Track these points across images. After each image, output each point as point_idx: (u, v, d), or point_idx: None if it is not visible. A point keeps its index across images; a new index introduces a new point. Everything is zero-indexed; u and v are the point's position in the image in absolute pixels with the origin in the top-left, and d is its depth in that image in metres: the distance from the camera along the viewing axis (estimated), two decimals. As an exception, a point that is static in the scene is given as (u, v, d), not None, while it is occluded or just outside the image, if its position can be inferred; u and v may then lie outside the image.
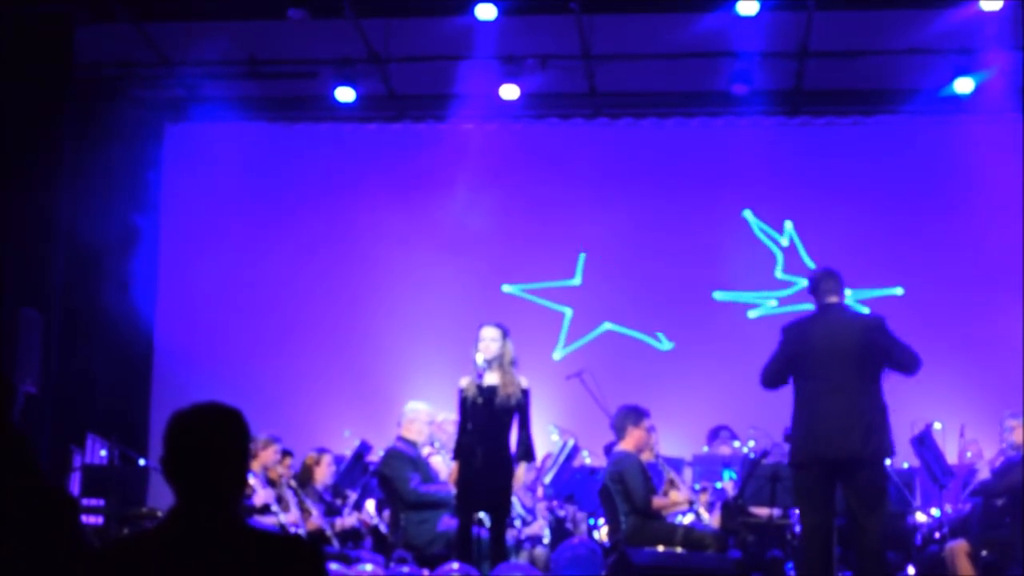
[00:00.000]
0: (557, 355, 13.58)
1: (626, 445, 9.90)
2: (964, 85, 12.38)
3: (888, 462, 9.63)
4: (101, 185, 12.75)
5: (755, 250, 13.55)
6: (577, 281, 13.70)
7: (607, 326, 13.63)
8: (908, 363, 8.31)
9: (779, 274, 13.47)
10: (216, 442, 3.29)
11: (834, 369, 8.23)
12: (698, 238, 13.58)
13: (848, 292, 8.63)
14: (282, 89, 13.50)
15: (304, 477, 10.73)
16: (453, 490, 9.53)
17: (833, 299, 8.49)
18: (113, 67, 12.91)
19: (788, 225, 13.53)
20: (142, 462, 11.41)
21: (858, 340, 8.27)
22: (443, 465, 10.62)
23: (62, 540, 3.60)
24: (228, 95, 13.15)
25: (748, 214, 13.55)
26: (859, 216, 13.31)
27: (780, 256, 13.50)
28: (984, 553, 9.20)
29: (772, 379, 8.54)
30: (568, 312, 13.69)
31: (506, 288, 13.67)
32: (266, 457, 10.35)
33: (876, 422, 8.23)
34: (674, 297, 13.58)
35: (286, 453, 10.80)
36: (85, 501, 10.46)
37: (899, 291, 13.21)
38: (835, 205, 13.40)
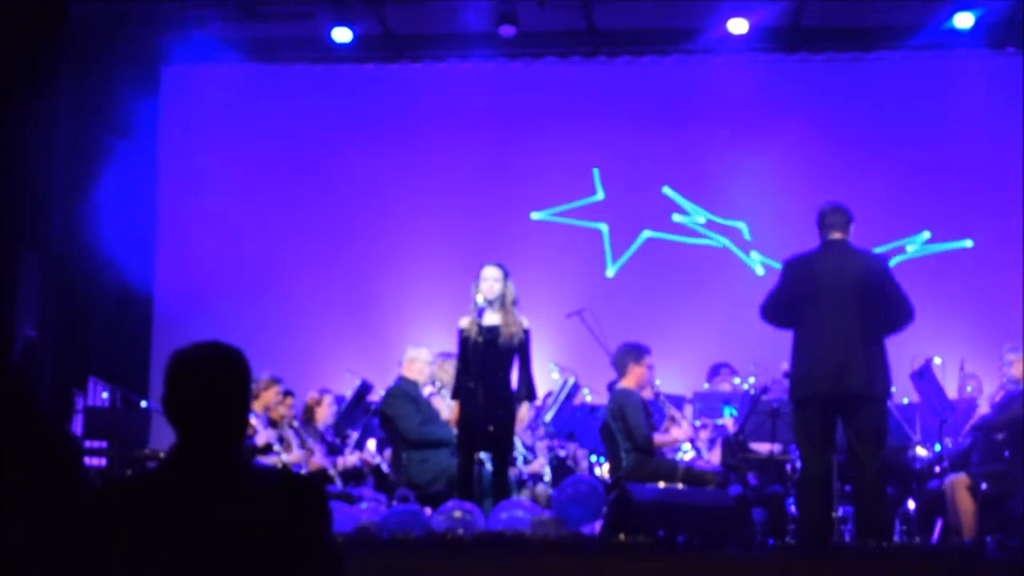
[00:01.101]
0: (610, 272, 13.61)
1: (627, 382, 9.92)
2: (964, 20, 12.33)
3: (906, 399, 9.69)
4: (97, 127, 12.69)
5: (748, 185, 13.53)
6: (600, 196, 13.69)
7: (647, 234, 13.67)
8: (900, 312, 8.32)
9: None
10: (217, 380, 3.28)
11: (834, 305, 8.24)
12: (696, 176, 13.58)
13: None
14: (278, 30, 13.41)
15: (306, 417, 10.77)
16: (454, 430, 9.57)
17: (837, 235, 8.48)
18: (109, 9, 12.82)
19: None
20: (144, 404, 11.45)
21: (860, 277, 8.28)
22: (444, 405, 10.65)
23: (65, 481, 3.60)
24: (224, 37, 13.08)
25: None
26: (857, 151, 13.29)
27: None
28: (984, 487, 9.24)
29: (772, 313, 8.56)
30: (604, 228, 13.69)
31: (535, 215, 13.65)
32: (268, 398, 10.39)
33: (875, 359, 8.25)
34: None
35: (287, 393, 10.84)
36: (88, 443, 10.49)
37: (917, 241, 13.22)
38: (833, 142, 13.37)
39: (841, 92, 13.46)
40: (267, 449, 9.97)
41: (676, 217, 13.53)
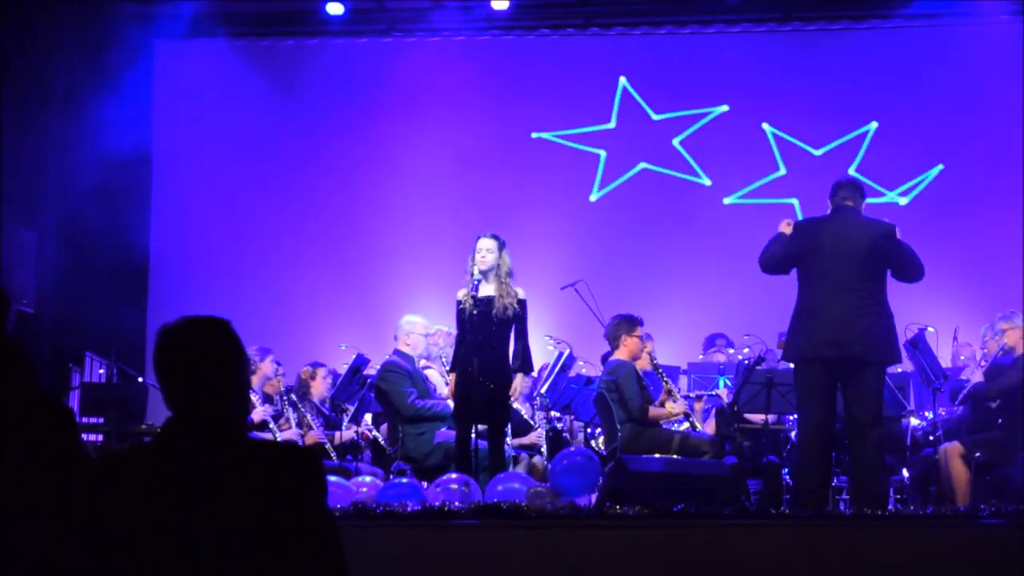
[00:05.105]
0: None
1: (621, 354, 9.94)
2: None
3: (899, 368, 9.70)
4: (92, 102, 12.66)
5: (745, 154, 13.54)
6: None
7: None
8: (913, 271, 8.38)
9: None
10: (203, 352, 3.30)
11: (840, 270, 8.29)
12: (692, 145, 13.59)
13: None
14: (272, 4, 13.40)
15: (301, 391, 10.77)
16: (450, 404, 9.59)
17: (848, 203, 8.53)
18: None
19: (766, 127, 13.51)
20: (141, 379, 11.46)
21: (867, 244, 8.32)
22: (439, 378, 10.68)
23: (58, 447, 3.62)
24: (217, 11, 13.06)
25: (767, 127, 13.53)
26: (855, 120, 13.31)
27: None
28: (977, 454, 9.27)
29: (772, 262, 8.57)
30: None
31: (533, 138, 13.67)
32: (265, 369, 10.40)
33: (879, 325, 8.29)
34: (676, 203, 13.59)
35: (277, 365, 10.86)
36: (85, 419, 10.51)
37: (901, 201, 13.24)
38: (827, 112, 13.39)
39: (833, 62, 13.44)
40: (263, 426, 9.99)
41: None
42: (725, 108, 13.54)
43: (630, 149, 13.65)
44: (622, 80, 13.65)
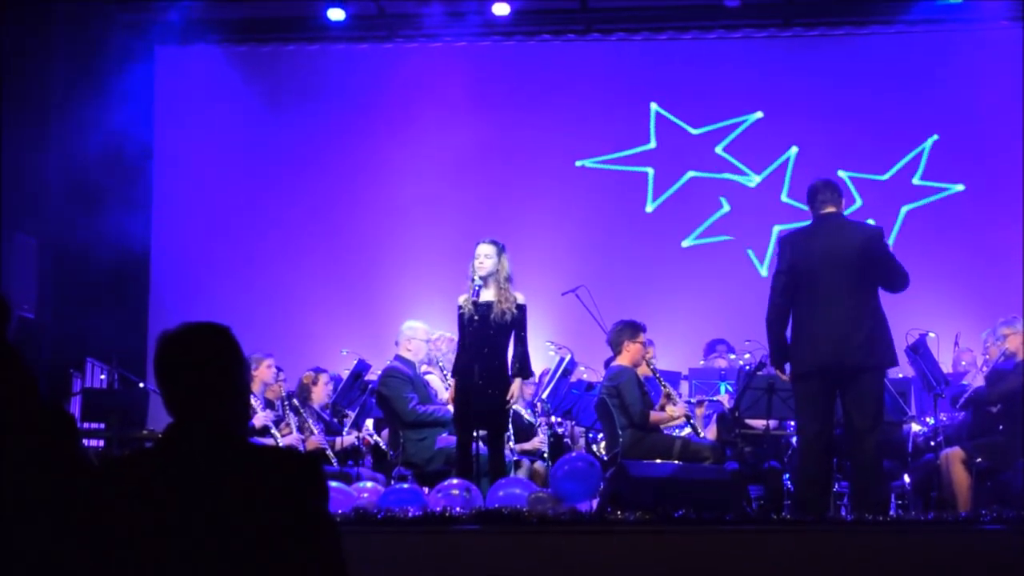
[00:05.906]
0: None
1: (623, 360, 9.94)
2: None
3: (900, 374, 9.69)
4: (93, 108, 12.67)
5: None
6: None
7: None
8: (897, 279, 8.36)
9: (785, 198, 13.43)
10: (204, 358, 3.30)
11: (834, 278, 8.27)
12: (694, 155, 13.58)
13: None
14: (273, 10, 13.41)
15: (301, 396, 10.78)
16: (450, 410, 9.59)
17: (830, 209, 8.51)
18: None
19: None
20: (142, 385, 11.47)
21: (857, 248, 8.31)
22: (439, 383, 10.67)
23: (60, 454, 3.63)
24: (218, 17, 13.07)
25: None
26: (856, 132, 13.31)
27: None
28: (979, 460, 9.26)
29: (780, 305, 8.50)
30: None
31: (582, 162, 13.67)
32: (264, 375, 10.40)
33: (877, 331, 8.28)
34: (674, 213, 13.60)
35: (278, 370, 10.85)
36: (86, 425, 10.51)
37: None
38: (833, 120, 13.39)
39: (834, 68, 13.44)
40: (264, 432, 9.99)
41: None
42: (759, 115, 13.53)
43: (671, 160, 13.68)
44: (653, 106, 13.64)
